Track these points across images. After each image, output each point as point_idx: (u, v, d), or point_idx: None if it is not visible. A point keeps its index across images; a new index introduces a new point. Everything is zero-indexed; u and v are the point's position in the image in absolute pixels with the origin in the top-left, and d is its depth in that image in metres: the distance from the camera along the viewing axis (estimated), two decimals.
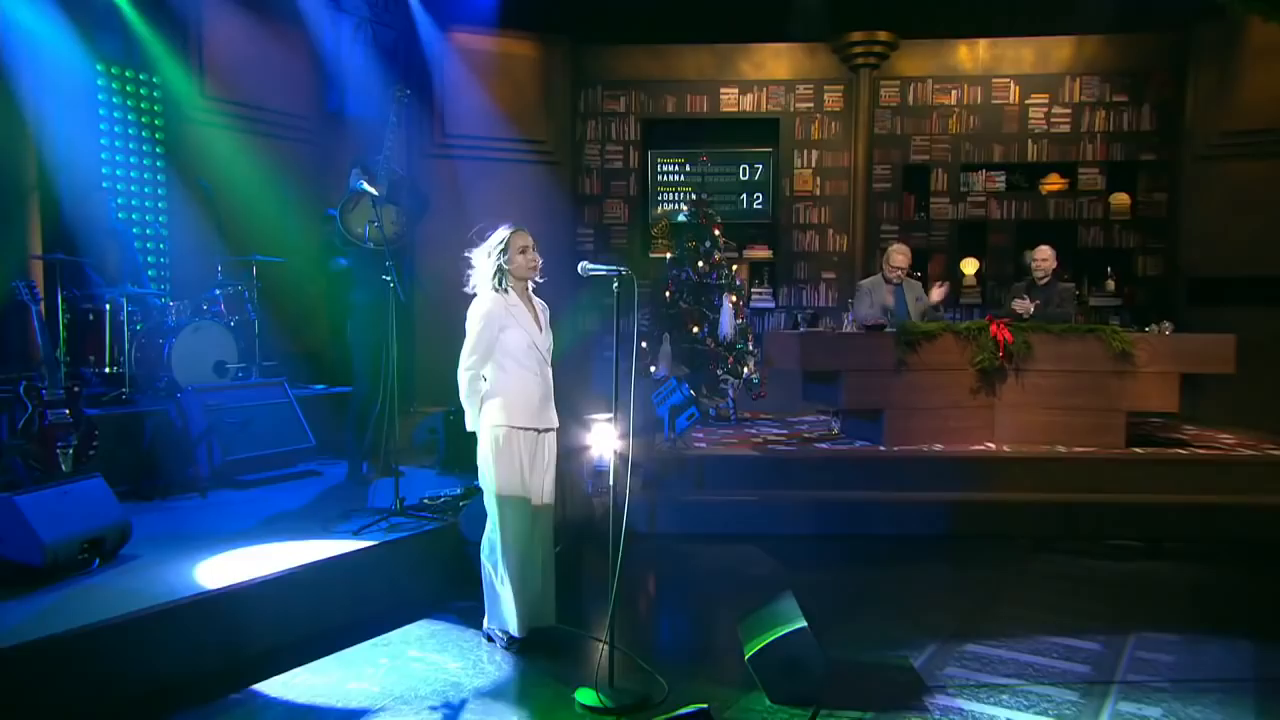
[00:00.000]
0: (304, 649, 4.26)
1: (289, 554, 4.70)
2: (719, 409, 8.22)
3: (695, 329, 8.16)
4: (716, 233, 8.40)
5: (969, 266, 10.14)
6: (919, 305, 7.79)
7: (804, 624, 3.70)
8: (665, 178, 10.43)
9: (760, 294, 10.52)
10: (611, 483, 3.86)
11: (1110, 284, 10.17)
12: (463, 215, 9.25)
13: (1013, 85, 10.13)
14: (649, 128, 10.45)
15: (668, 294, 8.28)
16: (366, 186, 5.91)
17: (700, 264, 8.18)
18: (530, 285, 4.32)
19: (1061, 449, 6.95)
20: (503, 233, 4.21)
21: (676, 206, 9.28)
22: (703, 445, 7.08)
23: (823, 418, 8.05)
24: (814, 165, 10.37)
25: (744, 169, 10.52)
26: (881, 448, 7.02)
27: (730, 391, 8.19)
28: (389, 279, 5.37)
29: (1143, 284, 10.09)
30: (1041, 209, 10.14)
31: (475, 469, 4.27)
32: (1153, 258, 10.05)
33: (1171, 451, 7.00)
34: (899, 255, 7.84)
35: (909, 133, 10.24)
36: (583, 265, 4.04)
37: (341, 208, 6.21)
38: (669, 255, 8.47)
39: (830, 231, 10.38)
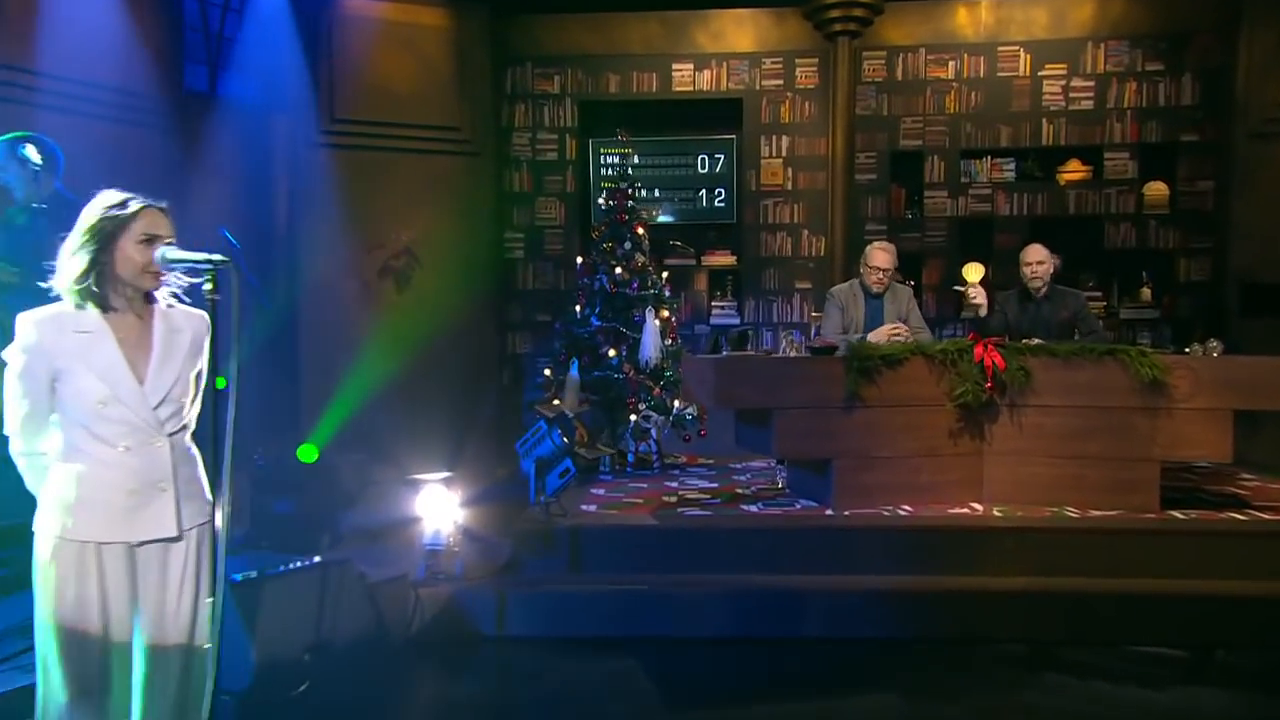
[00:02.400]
0: None
1: None
2: (640, 453, 6.42)
3: (611, 352, 6.38)
4: (640, 231, 6.63)
5: (973, 273, 8.14)
6: (904, 323, 6.01)
7: None
8: (609, 170, 8.68)
9: (722, 308, 8.84)
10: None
11: (1145, 292, 8.43)
12: (356, 217, 7.87)
13: (1022, 54, 8.44)
14: (588, 112, 8.83)
15: (577, 308, 6.51)
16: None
17: (618, 270, 6.41)
18: (161, 302, 2.55)
19: (1072, 513, 5.17)
20: (111, 203, 2.44)
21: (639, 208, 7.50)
22: (590, 509, 5.29)
23: (775, 465, 6.21)
24: (784, 154, 8.71)
25: (702, 160, 8.88)
26: (829, 511, 5.21)
27: (654, 431, 6.39)
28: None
29: (1185, 292, 8.36)
30: (1059, 203, 8.45)
31: None
32: (1197, 260, 8.31)
33: (1225, 517, 5.16)
34: (880, 254, 6.11)
35: (898, 113, 8.58)
36: (161, 252, 2.29)
37: None
38: (580, 260, 6.68)
39: (805, 233, 8.70)
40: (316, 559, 4.07)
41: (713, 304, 8.85)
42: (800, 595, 4.72)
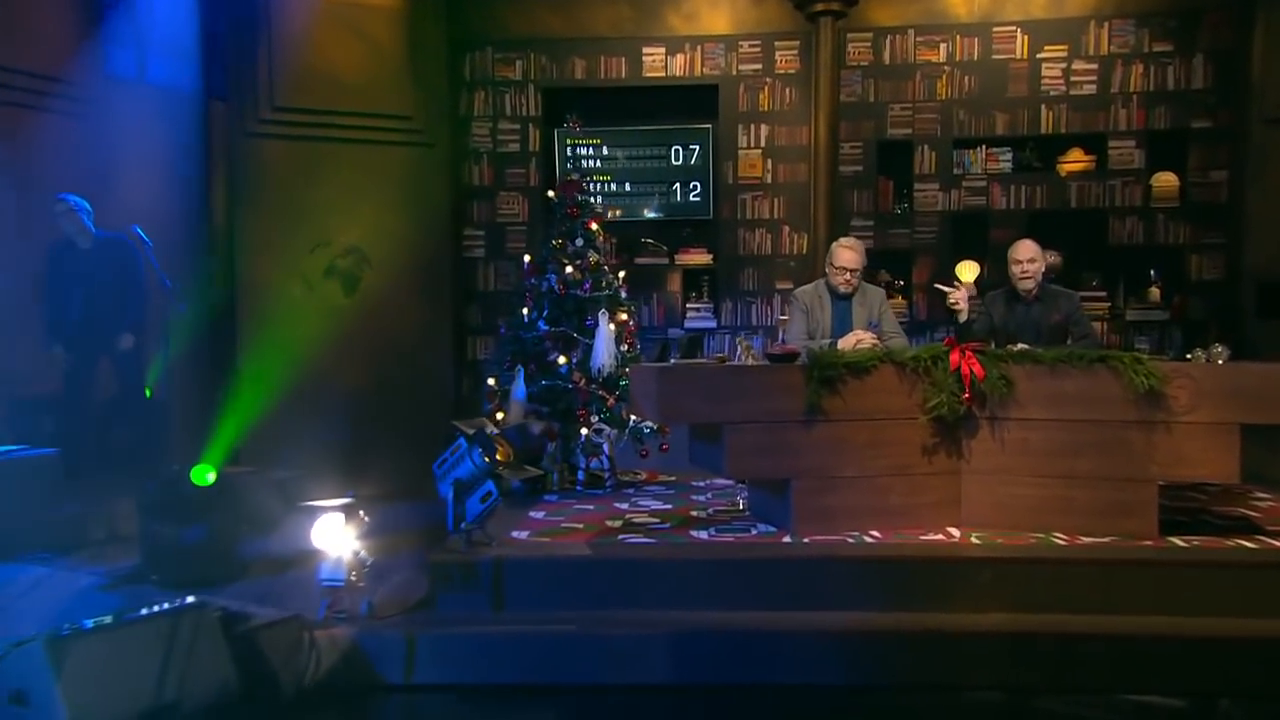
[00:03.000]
0: None
1: None
2: (591, 470, 5.95)
3: (560, 359, 5.91)
4: (594, 227, 6.15)
5: (967, 272, 7.71)
6: (874, 329, 5.57)
7: None
8: (576, 163, 8.30)
9: (697, 310, 8.42)
10: None
11: (1153, 292, 7.98)
12: (298, 212, 7.52)
13: (1019, 35, 8.00)
14: (553, 100, 8.40)
15: (525, 311, 6.05)
16: None
17: (568, 269, 5.94)
18: None
19: (1059, 540, 4.67)
20: None
21: (594, 200, 7.03)
22: (520, 536, 4.82)
23: (738, 484, 5.74)
24: (763, 144, 8.31)
25: (675, 151, 8.43)
26: (786, 538, 4.74)
27: (606, 446, 5.92)
28: None
29: (1197, 291, 7.88)
30: (1060, 195, 8.00)
31: None
32: (1209, 256, 7.85)
33: (1233, 544, 4.64)
34: (846, 253, 5.64)
35: (885, 100, 8.15)
36: None
37: None
38: (527, 258, 6.23)
39: (785, 229, 8.28)
40: (187, 601, 3.63)
41: (687, 306, 8.43)
42: (751, 636, 4.24)
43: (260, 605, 4.16)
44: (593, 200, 6.60)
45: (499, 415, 5.84)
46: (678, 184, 8.42)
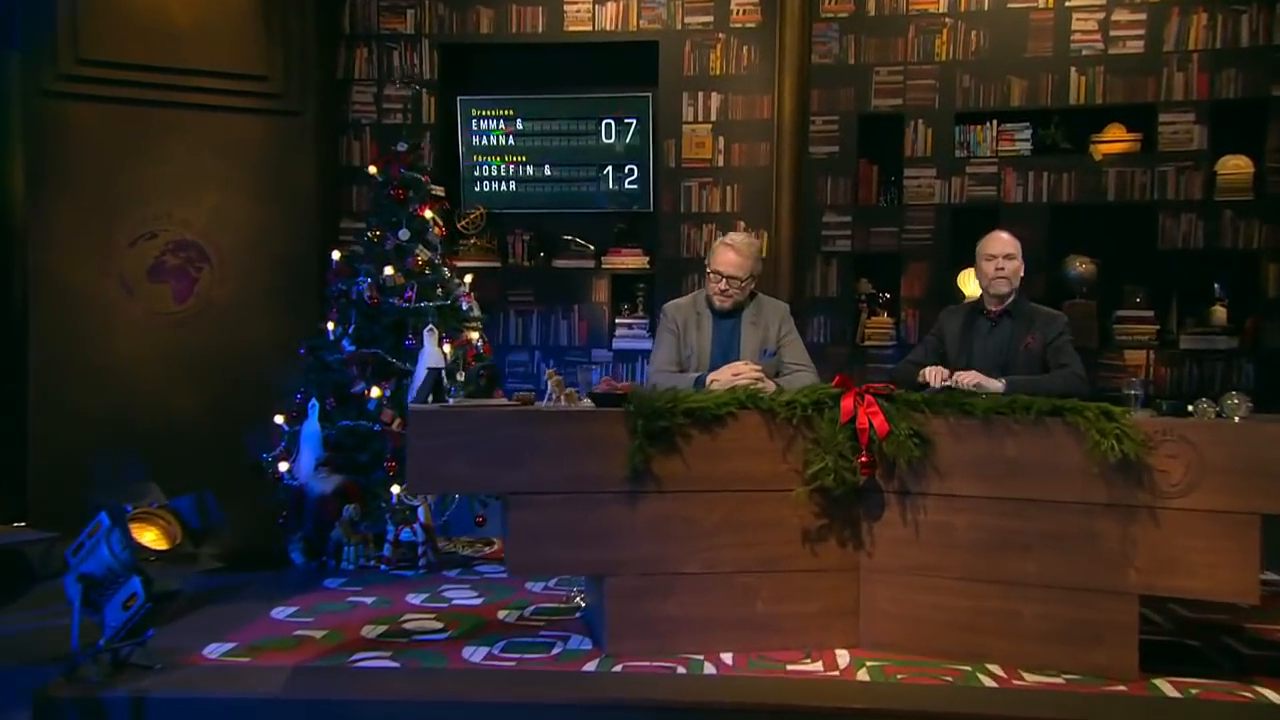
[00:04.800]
0: None
1: None
2: (402, 542, 4.91)
3: (374, 391, 4.89)
4: (428, 215, 5.14)
5: (971, 283, 6.89)
6: (766, 360, 4.48)
7: None
8: (483, 139, 7.54)
9: (629, 327, 7.52)
10: None
11: (1217, 311, 6.91)
12: (117, 194, 6.66)
13: None
14: (453, 59, 7.64)
15: (330, 325, 5.04)
16: None
17: (386, 270, 4.92)
18: None
19: (993, 677, 3.57)
20: None
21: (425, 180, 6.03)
22: (213, 651, 3.77)
23: None
24: (714, 118, 7.41)
25: (607, 126, 7.54)
26: (589, 666, 3.62)
27: (421, 512, 4.87)
28: None
29: (1277, 312, 6.82)
30: (1094, 184, 7.00)
31: None
32: None
33: (1250, 694, 3.44)
34: (728, 254, 4.59)
35: (869, 62, 7.22)
36: None
37: None
38: (337, 254, 5.23)
39: (741, 226, 7.28)
40: None
41: (616, 321, 7.52)
42: None
43: None
44: (424, 179, 5.53)
45: (282, 466, 4.80)
46: (609, 167, 7.55)
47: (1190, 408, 3.71)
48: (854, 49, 7.20)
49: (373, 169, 5.55)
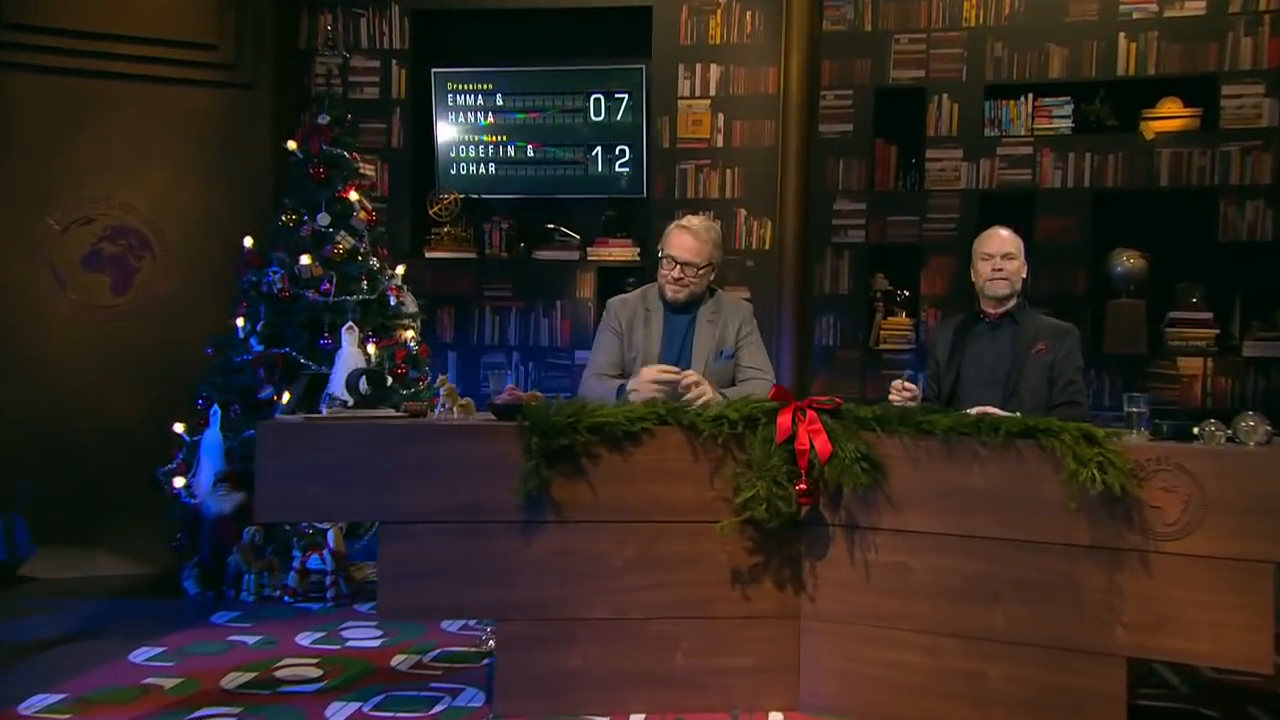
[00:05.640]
0: None
1: None
2: (309, 569, 4.57)
3: (284, 396, 4.56)
4: (353, 196, 4.82)
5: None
6: (722, 363, 4.14)
7: None
8: (459, 116, 7.38)
9: None
10: None
11: None
12: (50, 174, 6.51)
13: None
14: (427, 27, 7.52)
15: (239, 322, 4.71)
16: None
17: (302, 260, 4.60)
18: None
19: None
20: None
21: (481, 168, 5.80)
22: (27, 710, 3.43)
23: None
24: (713, 92, 7.22)
25: (596, 102, 7.34)
26: None
27: (331, 536, 4.52)
28: None
29: None
30: (1144, 168, 6.71)
31: None
32: None
33: None
34: (683, 236, 4.27)
35: (887, 28, 7.03)
36: None
37: None
38: (249, 241, 4.90)
39: (741, 213, 7.18)
40: None
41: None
42: None
43: None
44: (353, 157, 5.21)
45: (178, 481, 4.48)
46: (598, 148, 7.35)
47: (1195, 430, 3.23)
48: (870, 14, 7.06)
49: (291, 144, 5.22)
